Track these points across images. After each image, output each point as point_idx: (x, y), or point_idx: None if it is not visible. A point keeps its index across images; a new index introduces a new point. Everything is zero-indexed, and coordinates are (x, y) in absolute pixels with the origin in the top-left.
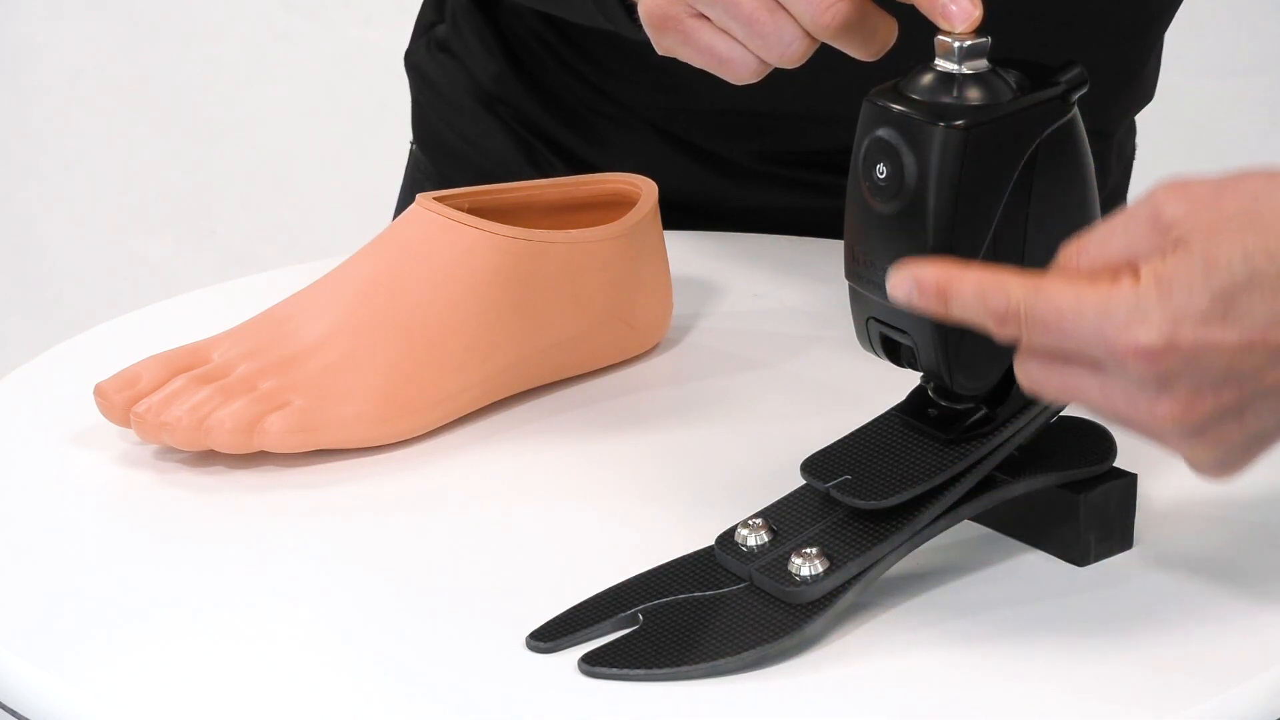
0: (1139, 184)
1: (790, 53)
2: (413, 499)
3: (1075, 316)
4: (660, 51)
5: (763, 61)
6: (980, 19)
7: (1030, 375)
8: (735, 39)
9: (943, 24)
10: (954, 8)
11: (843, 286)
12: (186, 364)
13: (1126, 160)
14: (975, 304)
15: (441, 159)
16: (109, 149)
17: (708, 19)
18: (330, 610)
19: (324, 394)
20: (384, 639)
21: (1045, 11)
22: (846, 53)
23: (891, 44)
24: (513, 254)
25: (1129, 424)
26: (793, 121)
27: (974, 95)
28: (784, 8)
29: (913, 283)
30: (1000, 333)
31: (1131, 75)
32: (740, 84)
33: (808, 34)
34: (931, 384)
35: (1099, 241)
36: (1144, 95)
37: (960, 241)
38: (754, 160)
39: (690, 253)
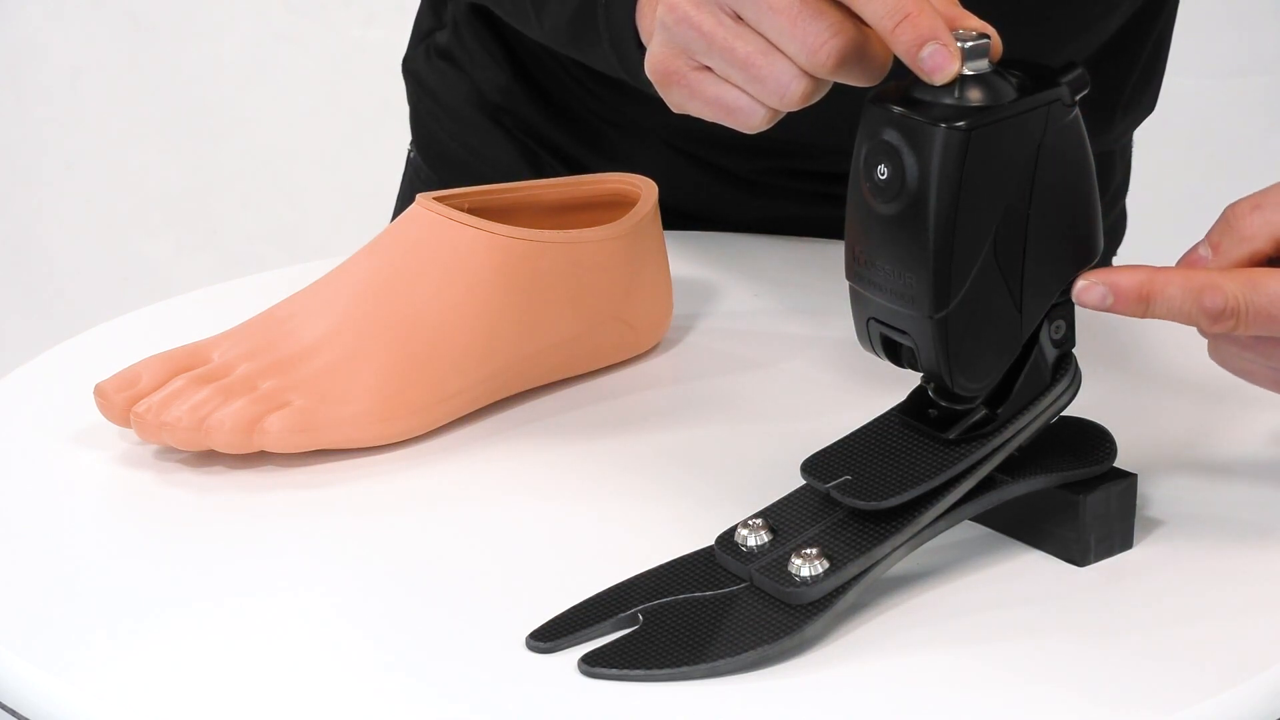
0: (1139, 185)
1: (790, 94)
2: (413, 499)
3: None
4: (673, 109)
5: (769, 108)
6: (958, 72)
7: (1224, 356)
8: (739, 87)
9: (922, 77)
10: (930, 63)
11: (843, 286)
12: (186, 364)
13: (1128, 162)
14: (1185, 304)
15: (442, 168)
16: (109, 149)
17: (711, 70)
18: (330, 610)
19: (324, 394)
20: (384, 639)
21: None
22: (848, 84)
23: (890, 65)
24: (512, 254)
25: None
26: (804, 146)
27: (975, 96)
28: (779, 49)
29: (1106, 289)
30: (1213, 329)
31: (1119, 88)
32: (751, 132)
33: (806, 73)
34: (932, 384)
35: (1274, 210)
36: (1140, 110)
37: (961, 242)
38: (765, 175)
39: (690, 253)
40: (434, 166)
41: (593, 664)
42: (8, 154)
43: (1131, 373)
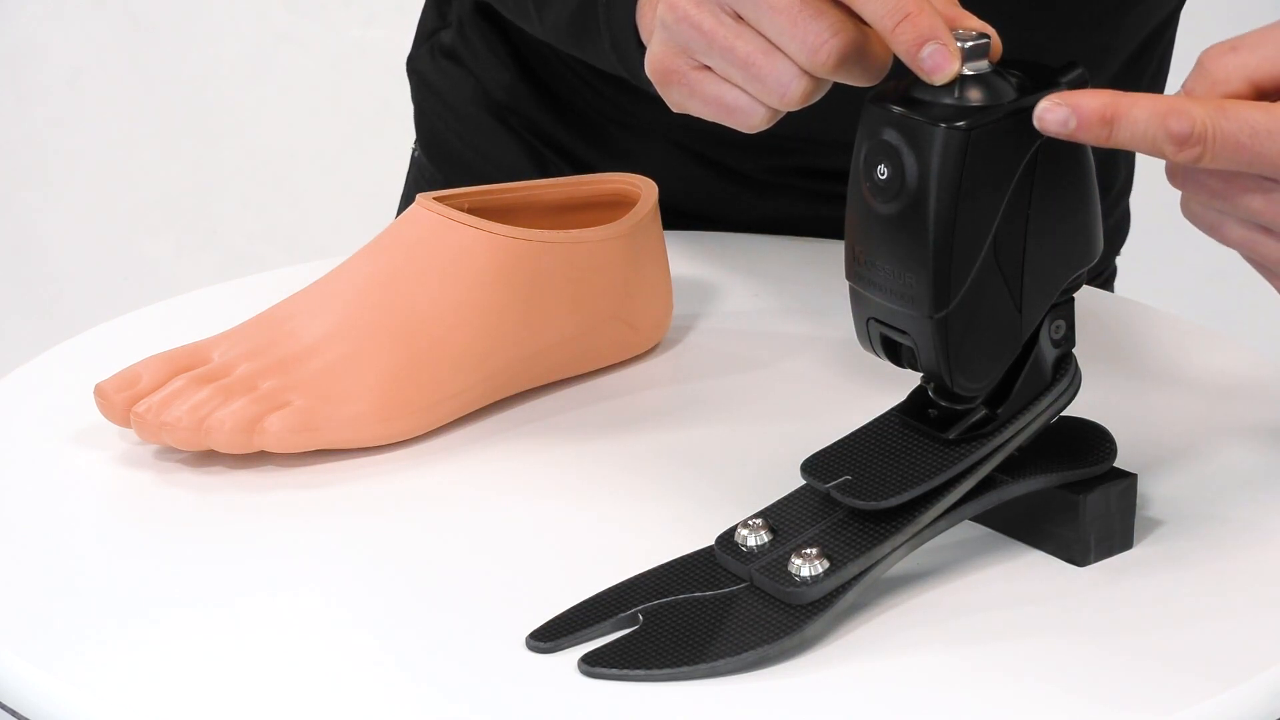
0: (1141, 183)
1: (791, 94)
2: (413, 499)
3: (1268, 135)
4: (673, 108)
5: (769, 107)
6: (958, 72)
7: (1194, 210)
8: (739, 87)
9: (922, 77)
10: (930, 62)
11: (843, 286)
12: (187, 364)
13: (1131, 163)
14: (1151, 127)
15: (448, 167)
16: (109, 149)
17: (711, 69)
18: (330, 610)
19: (324, 394)
20: (384, 639)
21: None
22: (848, 83)
23: (890, 65)
24: (513, 254)
25: None
26: (808, 143)
27: (975, 96)
28: (779, 49)
29: (1068, 111)
30: (1178, 156)
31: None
32: (751, 132)
33: (806, 73)
34: (932, 384)
35: (1250, 51)
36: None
37: (961, 242)
38: (771, 174)
39: (690, 253)
40: (439, 165)
41: (593, 664)
42: (8, 154)
43: (1131, 373)
